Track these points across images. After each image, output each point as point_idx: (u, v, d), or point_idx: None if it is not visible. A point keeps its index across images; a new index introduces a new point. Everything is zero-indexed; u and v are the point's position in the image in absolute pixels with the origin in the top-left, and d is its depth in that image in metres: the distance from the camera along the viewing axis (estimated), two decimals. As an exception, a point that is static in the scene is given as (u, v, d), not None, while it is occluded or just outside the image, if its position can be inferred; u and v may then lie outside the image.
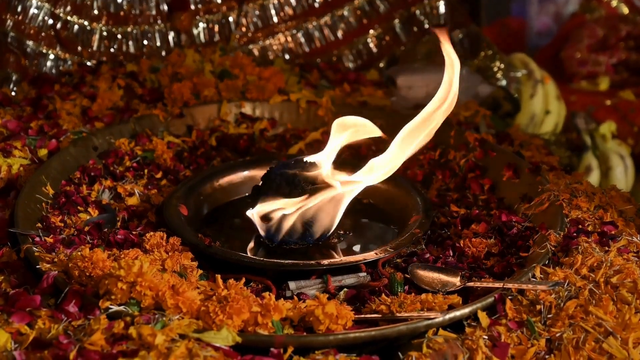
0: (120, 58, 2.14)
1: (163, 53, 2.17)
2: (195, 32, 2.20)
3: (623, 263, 1.29)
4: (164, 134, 1.80)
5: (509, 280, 1.28)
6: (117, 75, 1.99)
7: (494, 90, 2.14)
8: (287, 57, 2.25)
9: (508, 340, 1.16)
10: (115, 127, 1.76)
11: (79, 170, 1.61)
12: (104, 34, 2.14)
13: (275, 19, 2.25)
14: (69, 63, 2.10)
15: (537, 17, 3.43)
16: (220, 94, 1.93)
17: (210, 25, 2.22)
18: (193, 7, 2.20)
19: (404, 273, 1.36)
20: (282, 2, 2.25)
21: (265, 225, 1.45)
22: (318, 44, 2.27)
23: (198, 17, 2.21)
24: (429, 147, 1.72)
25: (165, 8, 2.18)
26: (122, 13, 2.16)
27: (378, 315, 1.22)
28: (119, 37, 2.15)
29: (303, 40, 2.26)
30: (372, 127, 1.48)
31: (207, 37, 2.22)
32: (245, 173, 1.66)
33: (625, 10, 3.12)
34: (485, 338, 1.16)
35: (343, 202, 1.46)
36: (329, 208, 1.46)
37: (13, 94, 1.96)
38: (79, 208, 1.51)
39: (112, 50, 2.15)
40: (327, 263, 1.36)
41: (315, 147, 1.81)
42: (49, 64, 2.08)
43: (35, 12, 2.06)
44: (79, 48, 2.12)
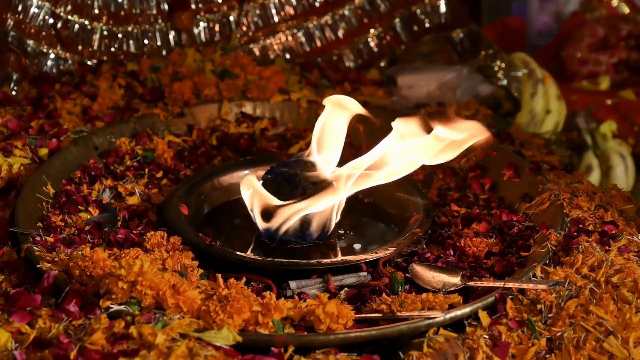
0: (121, 57, 2.14)
1: (164, 52, 2.17)
2: (196, 31, 2.20)
3: (624, 262, 1.29)
4: (165, 134, 1.80)
5: (510, 280, 1.28)
6: (117, 75, 1.99)
7: (495, 90, 2.14)
8: (287, 56, 2.24)
9: (509, 340, 1.16)
10: (116, 126, 1.76)
11: (80, 170, 1.61)
12: (105, 33, 2.14)
13: (276, 19, 2.25)
14: (70, 62, 2.10)
15: (537, 16, 3.43)
16: (221, 94, 1.93)
17: (211, 25, 2.22)
18: (194, 6, 2.20)
19: (405, 272, 1.36)
20: (282, 1, 2.25)
21: (266, 225, 1.45)
22: (319, 44, 2.27)
23: (199, 16, 2.21)
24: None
25: (166, 7, 2.18)
26: (122, 12, 2.16)
27: (379, 315, 1.22)
28: (120, 36, 2.15)
29: (304, 40, 2.26)
30: (356, 105, 1.49)
31: (207, 36, 2.22)
32: (246, 172, 1.66)
33: (626, 10, 3.12)
34: (486, 337, 1.16)
35: (342, 200, 1.47)
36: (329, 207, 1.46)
37: (14, 94, 1.96)
38: (80, 207, 1.51)
39: (112, 50, 2.14)
40: (327, 262, 1.36)
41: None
42: (50, 63, 2.08)
43: (36, 11, 2.06)
44: (80, 47, 2.12)
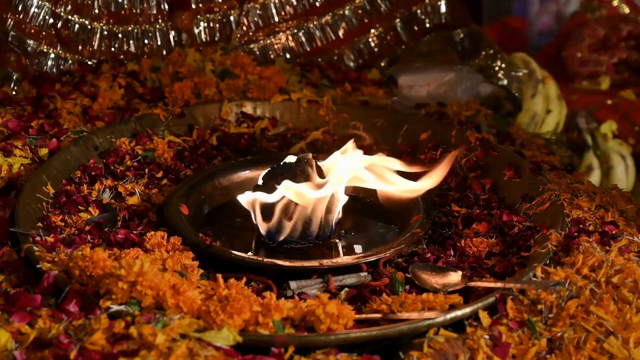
0: (121, 57, 2.14)
1: (164, 52, 2.17)
2: (196, 31, 2.20)
3: (624, 263, 1.29)
4: (165, 133, 1.79)
5: (510, 280, 1.27)
6: (117, 75, 1.99)
7: (495, 90, 2.14)
8: (288, 56, 2.24)
9: (509, 340, 1.16)
10: (116, 126, 1.76)
11: (80, 170, 1.61)
12: (105, 33, 2.14)
13: (276, 18, 2.25)
14: (70, 62, 2.10)
15: (538, 16, 3.43)
16: (221, 93, 1.93)
17: (211, 25, 2.22)
18: (194, 6, 2.20)
19: (405, 273, 1.36)
20: (283, 1, 2.24)
21: (266, 225, 1.45)
22: (319, 43, 2.27)
23: (199, 16, 2.20)
24: (430, 146, 1.72)
25: (166, 7, 2.18)
26: (123, 12, 2.15)
27: (379, 315, 1.22)
28: (120, 36, 2.15)
29: (304, 40, 2.26)
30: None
31: (208, 36, 2.21)
32: (246, 172, 1.66)
33: (626, 10, 3.11)
34: (487, 338, 1.16)
35: (340, 200, 1.47)
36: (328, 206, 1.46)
37: (14, 93, 1.95)
38: (80, 207, 1.51)
39: (112, 50, 2.14)
40: (328, 263, 1.36)
41: (317, 146, 1.81)
42: (50, 63, 2.08)
43: (36, 11, 2.06)
44: (80, 47, 2.12)
